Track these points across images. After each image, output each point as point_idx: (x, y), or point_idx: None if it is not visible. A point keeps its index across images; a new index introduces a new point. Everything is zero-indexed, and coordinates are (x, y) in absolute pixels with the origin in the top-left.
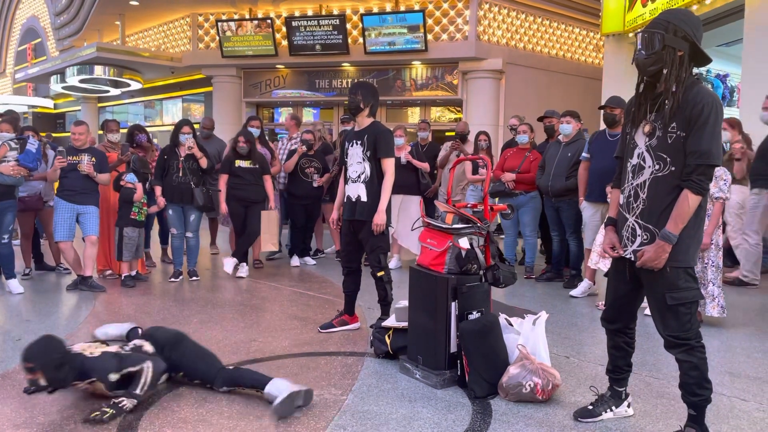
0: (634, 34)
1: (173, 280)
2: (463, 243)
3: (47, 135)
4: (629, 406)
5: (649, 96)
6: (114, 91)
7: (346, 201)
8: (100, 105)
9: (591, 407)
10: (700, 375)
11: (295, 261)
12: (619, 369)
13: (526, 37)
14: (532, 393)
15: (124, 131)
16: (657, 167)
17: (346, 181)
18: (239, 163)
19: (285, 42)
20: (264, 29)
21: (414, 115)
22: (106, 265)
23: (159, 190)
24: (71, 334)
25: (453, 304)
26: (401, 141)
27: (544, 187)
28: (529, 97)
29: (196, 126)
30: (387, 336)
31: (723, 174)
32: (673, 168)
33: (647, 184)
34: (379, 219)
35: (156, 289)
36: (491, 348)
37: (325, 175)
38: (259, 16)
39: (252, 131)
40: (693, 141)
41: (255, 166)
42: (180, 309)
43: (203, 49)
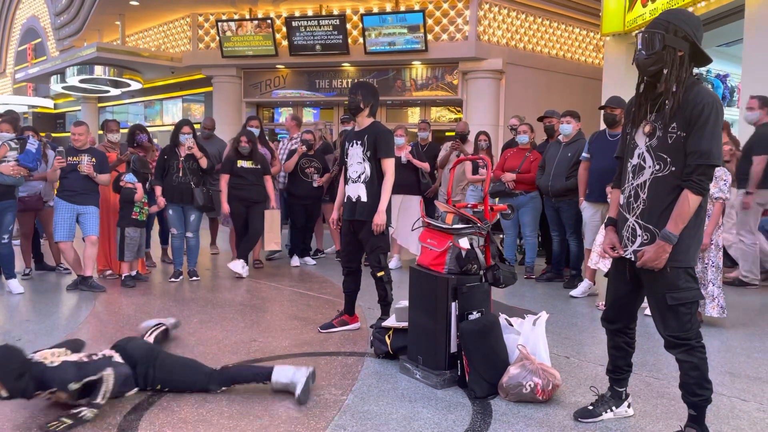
0: (634, 34)
1: (173, 280)
2: (464, 243)
3: (47, 135)
4: (629, 406)
5: (650, 96)
6: (114, 91)
7: (346, 201)
8: (100, 105)
9: (591, 407)
10: (700, 375)
11: (295, 261)
12: (620, 369)
13: (526, 38)
14: (532, 393)
15: (124, 131)
16: (657, 167)
17: (346, 182)
18: (241, 164)
19: (285, 42)
20: (264, 29)
21: (414, 116)
22: (106, 265)
23: (159, 190)
24: (71, 334)
25: (453, 304)
26: (402, 141)
27: (544, 187)
28: (529, 98)
29: (196, 126)
30: (387, 336)
31: (723, 174)
32: (674, 168)
33: (647, 184)
34: (379, 219)
35: (156, 289)
36: (491, 348)
37: (325, 175)
38: (259, 16)
39: (252, 131)
40: (693, 141)
41: (257, 166)
42: (180, 309)
43: (203, 49)
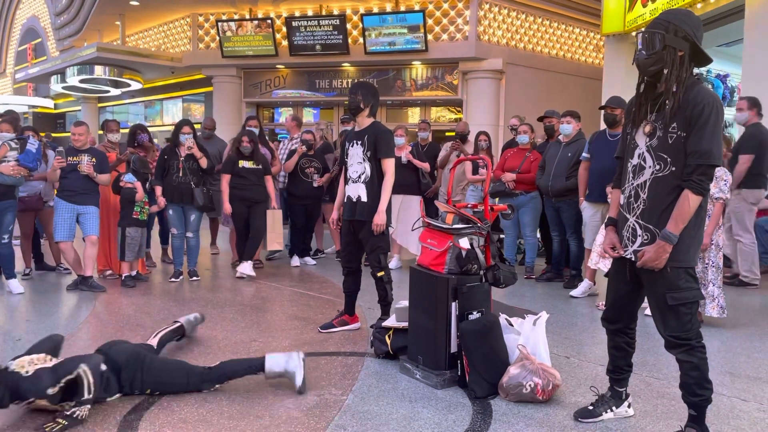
0: (634, 34)
1: (173, 280)
2: (464, 243)
3: (46, 135)
4: (629, 406)
5: (650, 96)
6: (114, 91)
7: (346, 201)
8: (100, 105)
9: (591, 407)
10: (700, 375)
11: (296, 261)
12: (620, 369)
13: (526, 38)
14: (532, 393)
15: (124, 131)
16: (657, 167)
17: (346, 182)
18: (243, 164)
19: (285, 42)
20: (264, 29)
21: (414, 116)
22: (106, 265)
23: (159, 190)
24: (72, 334)
25: (453, 304)
26: (402, 141)
27: (544, 187)
28: (529, 98)
29: (197, 126)
30: (387, 336)
31: (723, 174)
32: (674, 168)
33: (648, 184)
34: (379, 219)
35: (156, 289)
36: (491, 348)
37: (326, 175)
38: (260, 16)
39: (252, 131)
40: (693, 141)
41: (258, 166)
42: (180, 309)
43: (203, 49)
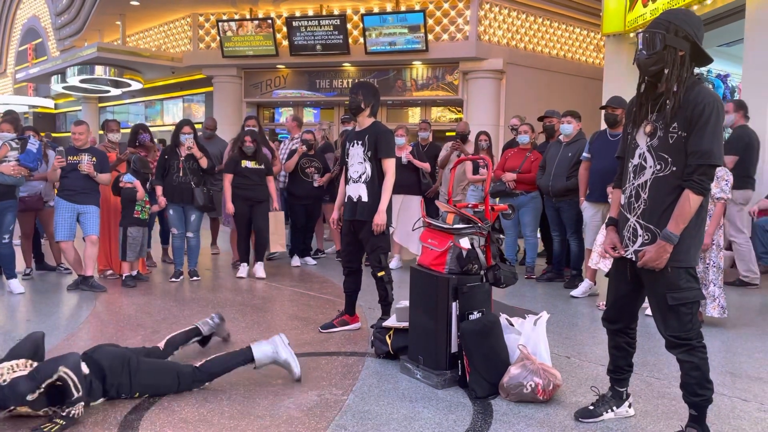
0: (635, 34)
1: (174, 280)
2: (464, 243)
3: (46, 135)
4: (630, 406)
5: (651, 96)
6: (114, 91)
7: (346, 201)
8: (100, 105)
9: (592, 407)
10: (701, 375)
11: (296, 261)
12: (620, 369)
13: (526, 38)
14: (533, 393)
15: (124, 131)
16: (658, 167)
17: (346, 182)
18: (245, 163)
19: (285, 42)
20: (264, 29)
21: (414, 116)
22: (106, 265)
23: (160, 189)
24: (72, 334)
25: (454, 304)
26: (402, 141)
27: (544, 187)
28: (530, 97)
29: (198, 126)
30: (388, 336)
31: (725, 174)
32: (675, 168)
33: (648, 184)
34: (380, 219)
35: (157, 289)
36: (492, 348)
37: (326, 175)
38: (260, 16)
39: (254, 131)
40: (694, 141)
41: (260, 166)
42: (181, 309)
43: (204, 49)
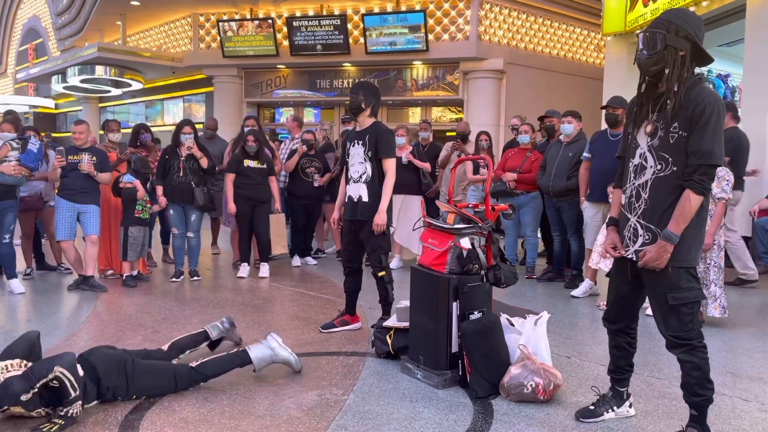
0: (635, 34)
1: (174, 280)
2: (465, 243)
3: (47, 135)
4: (631, 406)
5: (651, 96)
6: (115, 91)
7: (347, 201)
8: (101, 105)
9: (592, 407)
10: (701, 375)
11: (296, 261)
12: (621, 369)
13: (527, 37)
14: (533, 393)
15: (125, 131)
16: (659, 167)
17: (347, 182)
18: (248, 163)
19: (286, 42)
20: (265, 29)
21: (415, 116)
22: (107, 265)
23: (160, 189)
24: (73, 334)
25: (454, 304)
26: (403, 140)
27: (545, 187)
28: (530, 97)
29: (199, 126)
30: (388, 336)
31: (726, 174)
32: (675, 168)
33: (649, 184)
34: (380, 219)
35: (157, 289)
36: (492, 348)
37: (326, 175)
38: (260, 16)
39: (256, 130)
40: (695, 141)
41: (263, 165)
42: (181, 309)
43: (204, 49)
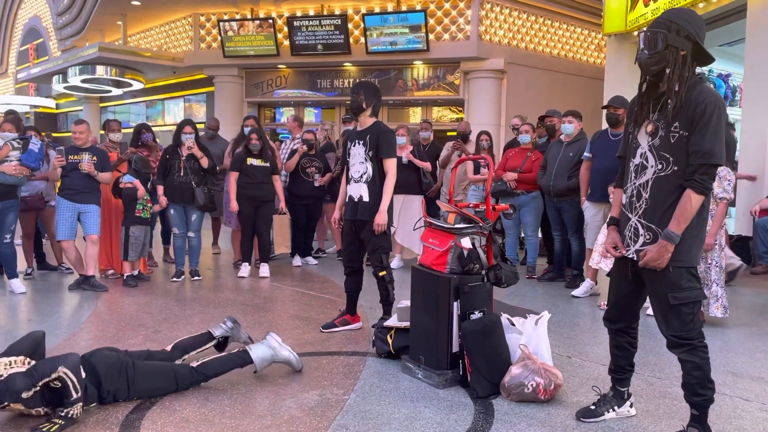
0: (636, 33)
1: (175, 279)
2: (465, 243)
3: (47, 134)
4: (632, 406)
5: (652, 95)
6: (116, 91)
7: (348, 201)
8: (102, 105)
9: (593, 407)
10: (702, 375)
11: (297, 261)
12: (622, 369)
13: (527, 37)
14: (534, 393)
15: (126, 131)
16: (660, 167)
17: (348, 181)
18: (251, 161)
19: (287, 42)
20: (266, 29)
21: (415, 115)
22: (108, 265)
23: (161, 189)
24: (73, 333)
25: (455, 303)
26: (403, 140)
27: (545, 187)
28: (531, 97)
29: (200, 126)
30: (389, 336)
31: (727, 174)
32: (676, 168)
33: (650, 183)
34: (381, 219)
35: (158, 289)
36: (493, 348)
37: (327, 175)
38: (261, 15)
39: (259, 129)
40: (695, 140)
41: (266, 164)
42: (182, 309)
43: (205, 49)
